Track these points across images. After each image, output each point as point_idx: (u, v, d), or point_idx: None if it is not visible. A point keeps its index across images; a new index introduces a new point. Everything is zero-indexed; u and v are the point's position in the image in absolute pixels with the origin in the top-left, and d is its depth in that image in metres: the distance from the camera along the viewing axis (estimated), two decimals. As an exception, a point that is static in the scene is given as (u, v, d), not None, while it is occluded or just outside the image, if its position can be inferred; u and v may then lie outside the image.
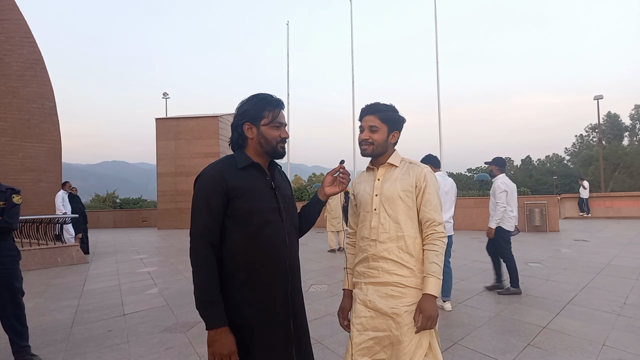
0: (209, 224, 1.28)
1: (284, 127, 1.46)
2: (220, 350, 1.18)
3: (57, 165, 11.91)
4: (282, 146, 1.45)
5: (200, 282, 1.23)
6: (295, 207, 1.53)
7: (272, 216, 1.37)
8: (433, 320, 1.39)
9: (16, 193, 2.87)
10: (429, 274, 1.44)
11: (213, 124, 17.08)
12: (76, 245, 8.12)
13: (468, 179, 41.23)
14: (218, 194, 1.29)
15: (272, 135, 1.41)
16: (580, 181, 15.86)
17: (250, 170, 1.39)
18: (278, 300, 1.35)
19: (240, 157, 1.40)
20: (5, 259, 2.77)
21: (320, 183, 2.08)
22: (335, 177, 1.58)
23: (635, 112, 42.10)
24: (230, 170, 1.35)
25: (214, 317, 1.20)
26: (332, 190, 1.57)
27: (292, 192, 1.56)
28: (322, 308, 4.04)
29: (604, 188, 25.48)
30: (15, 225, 2.80)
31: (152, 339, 3.28)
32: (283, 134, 1.44)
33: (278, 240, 1.36)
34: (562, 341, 2.97)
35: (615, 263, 5.96)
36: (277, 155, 1.46)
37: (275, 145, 1.42)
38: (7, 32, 11.18)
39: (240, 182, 1.34)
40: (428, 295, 1.41)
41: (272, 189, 1.41)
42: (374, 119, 1.57)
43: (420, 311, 1.41)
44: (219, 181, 1.30)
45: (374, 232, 1.54)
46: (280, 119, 1.43)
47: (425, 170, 1.56)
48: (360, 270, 1.59)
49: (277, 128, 1.42)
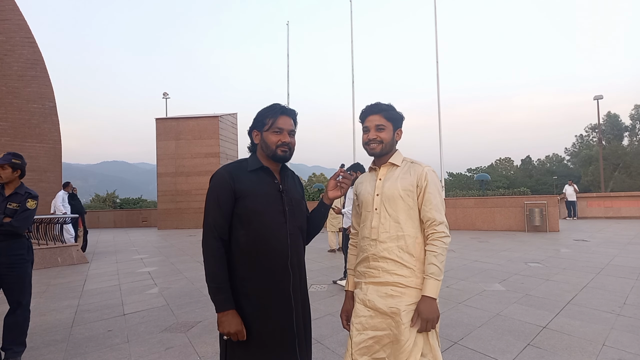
0: (218, 219, 1.41)
1: (286, 133, 1.50)
2: (228, 330, 1.32)
3: (57, 165, 11.92)
4: (282, 150, 1.50)
5: (209, 270, 1.37)
6: (302, 210, 1.60)
7: (275, 217, 1.45)
8: (431, 323, 1.39)
9: (32, 198, 2.83)
10: (428, 275, 1.44)
11: (213, 124, 17.08)
12: (76, 245, 8.13)
13: (468, 179, 41.20)
14: (227, 192, 1.43)
15: (271, 140, 1.49)
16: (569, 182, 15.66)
17: (259, 173, 1.50)
18: (278, 296, 1.43)
19: (251, 161, 1.53)
20: (14, 258, 2.72)
21: (321, 183, 2.10)
22: (337, 182, 1.60)
23: (635, 112, 42.09)
24: (240, 171, 1.48)
25: (222, 302, 1.35)
26: (334, 194, 1.60)
27: (302, 197, 1.65)
28: (322, 308, 4.04)
29: (604, 188, 25.47)
30: (22, 229, 2.75)
31: (152, 339, 3.28)
32: (283, 139, 1.49)
33: (279, 239, 1.44)
34: (562, 341, 2.97)
35: (615, 263, 5.96)
36: (278, 159, 1.52)
37: (274, 150, 1.49)
38: (7, 32, 11.19)
39: (248, 183, 1.46)
40: (426, 298, 1.41)
41: (279, 192, 1.49)
42: (379, 118, 1.58)
43: (418, 313, 1.41)
44: (228, 180, 1.44)
45: (374, 232, 1.54)
46: (279, 124, 1.50)
47: (426, 170, 1.56)
48: (361, 270, 1.60)
49: (276, 133, 1.49)
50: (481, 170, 45.97)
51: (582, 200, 16.16)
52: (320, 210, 1.65)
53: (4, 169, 2.75)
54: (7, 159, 2.75)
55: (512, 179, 46.54)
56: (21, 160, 2.83)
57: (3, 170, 2.74)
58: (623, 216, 14.89)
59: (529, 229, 11.02)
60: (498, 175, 43.78)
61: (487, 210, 11.89)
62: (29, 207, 2.79)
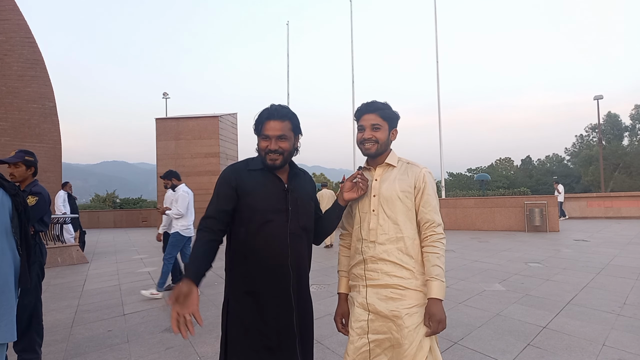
0: (213, 213, 1.45)
1: (273, 139, 1.45)
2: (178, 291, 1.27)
3: (57, 165, 11.91)
4: (271, 157, 1.46)
5: (191, 252, 1.40)
6: (309, 210, 1.57)
7: (276, 216, 1.45)
8: (443, 324, 1.38)
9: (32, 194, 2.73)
10: (433, 277, 1.42)
11: (213, 124, 17.06)
12: (76, 245, 8.12)
13: (468, 179, 41.15)
14: (228, 188, 1.46)
15: (261, 146, 1.50)
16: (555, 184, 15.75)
17: (265, 172, 1.51)
18: (278, 295, 1.43)
19: (256, 160, 1.54)
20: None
21: (321, 183, 2.10)
22: (354, 183, 1.58)
23: (635, 112, 42.06)
24: (245, 170, 1.51)
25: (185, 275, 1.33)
26: (350, 196, 1.58)
27: (311, 197, 1.62)
28: (322, 308, 4.04)
29: (604, 188, 25.46)
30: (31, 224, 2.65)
31: (152, 339, 3.28)
32: (270, 146, 1.45)
33: (278, 238, 1.44)
34: (562, 341, 2.97)
35: (615, 263, 5.96)
36: (268, 168, 1.49)
37: (264, 157, 1.48)
38: (7, 32, 11.17)
39: (251, 182, 1.47)
40: (434, 300, 1.40)
41: (283, 191, 1.49)
42: (375, 117, 1.56)
43: (429, 316, 1.40)
44: (231, 177, 1.48)
45: (372, 234, 1.52)
46: (265, 131, 1.47)
47: (424, 171, 1.55)
48: (357, 273, 1.56)
49: (264, 139, 1.48)
50: (481, 170, 45.89)
51: (582, 200, 16.16)
52: (334, 211, 1.64)
53: (18, 167, 2.68)
54: (20, 157, 2.68)
55: (512, 179, 46.50)
56: (34, 157, 2.78)
57: (17, 168, 2.68)
58: (623, 216, 14.90)
59: (529, 229, 11.02)
60: (498, 175, 43.73)
61: (487, 210, 11.89)
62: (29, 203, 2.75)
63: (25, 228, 2.29)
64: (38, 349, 2.61)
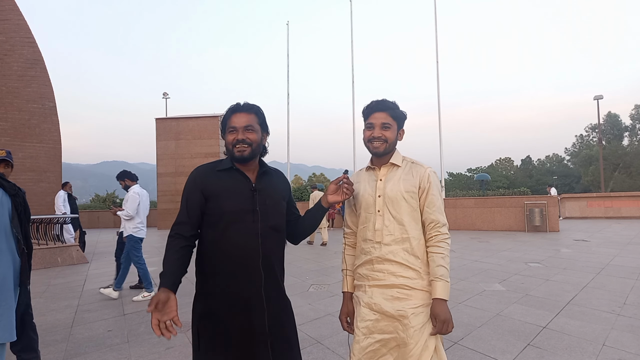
0: (183, 218, 1.45)
1: (240, 130, 1.47)
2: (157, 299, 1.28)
3: (57, 166, 11.90)
4: (238, 149, 1.47)
5: (163, 260, 1.40)
6: (279, 210, 1.55)
7: (244, 216, 1.44)
8: (449, 324, 1.39)
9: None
10: (437, 277, 1.42)
11: (213, 124, 17.06)
12: (76, 245, 8.12)
13: (468, 179, 41.13)
14: (195, 191, 1.46)
15: (228, 140, 1.50)
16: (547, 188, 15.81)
17: (232, 172, 1.50)
18: (249, 296, 1.42)
19: (225, 161, 1.54)
20: None
21: (321, 184, 2.09)
22: (339, 186, 1.58)
23: (635, 112, 42.06)
24: (212, 172, 1.50)
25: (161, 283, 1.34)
26: (334, 199, 1.57)
27: (282, 196, 1.59)
28: (322, 308, 4.03)
29: (604, 188, 25.45)
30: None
31: (152, 339, 3.28)
32: (237, 136, 1.46)
33: (247, 239, 1.43)
34: (562, 341, 2.97)
35: (615, 263, 5.96)
36: (236, 160, 1.50)
37: (232, 150, 1.49)
38: (7, 32, 11.17)
39: (217, 183, 1.47)
40: (439, 300, 1.40)
41: (251, 191, 1.48)
42: (385, 116, 1.54)
43: (434, 316, 1.40)
44: (197, 180, 1.48)
45: (378, 234, 1.51)
46: (231, 123, 1.49)
47: (428, 171, 1.54)
48: (363, 273, 1.56)
49: (230, 132, 1.49)
50: (481, 170, 45.88)
51: (582, 200, 16.17)
52: (317, 211, 1.62)
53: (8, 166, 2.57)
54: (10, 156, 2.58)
55: (512, 179, 46.48)
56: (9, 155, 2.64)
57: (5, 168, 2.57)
58: (623, 216, 14.90)
59: (529, 229, 11.02)
60: (498, 175, 43.72)
61: (487, 210, 11.90)
62: None
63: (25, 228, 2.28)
64: (37, 348, 2.60)
